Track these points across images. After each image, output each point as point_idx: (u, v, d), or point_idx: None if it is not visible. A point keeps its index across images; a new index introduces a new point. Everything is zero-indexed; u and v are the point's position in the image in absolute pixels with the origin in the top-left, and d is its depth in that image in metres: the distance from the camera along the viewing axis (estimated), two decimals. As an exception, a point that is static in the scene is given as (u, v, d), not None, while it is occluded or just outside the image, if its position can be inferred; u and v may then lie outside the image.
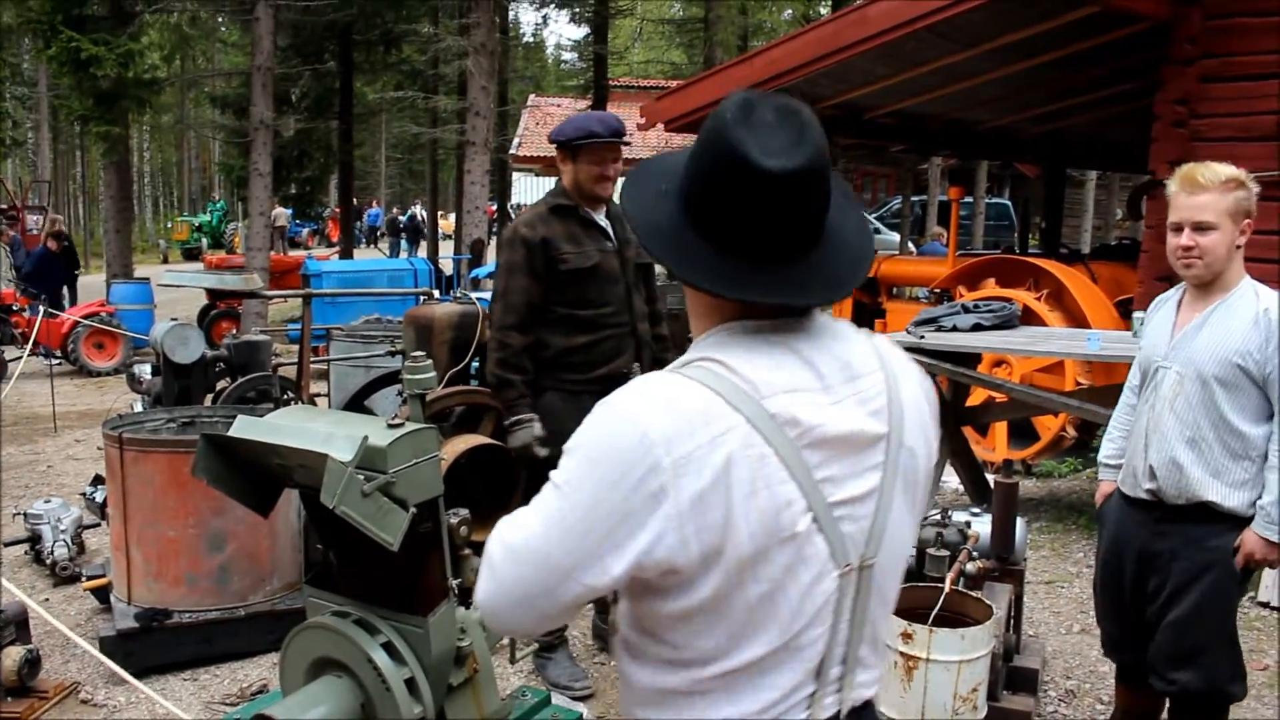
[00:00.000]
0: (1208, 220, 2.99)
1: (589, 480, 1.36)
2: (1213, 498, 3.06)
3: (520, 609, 1.43)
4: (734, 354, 1.40)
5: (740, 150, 1.36)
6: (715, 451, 1.32)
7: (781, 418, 1.35)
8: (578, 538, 1.36)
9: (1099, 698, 4.25)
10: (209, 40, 30.55)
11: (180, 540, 4.46)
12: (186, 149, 52.63)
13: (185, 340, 6.03)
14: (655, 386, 1.39)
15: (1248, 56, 6.87)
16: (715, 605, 1.37)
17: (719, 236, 1.41)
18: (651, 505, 1.33)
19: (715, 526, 1.33)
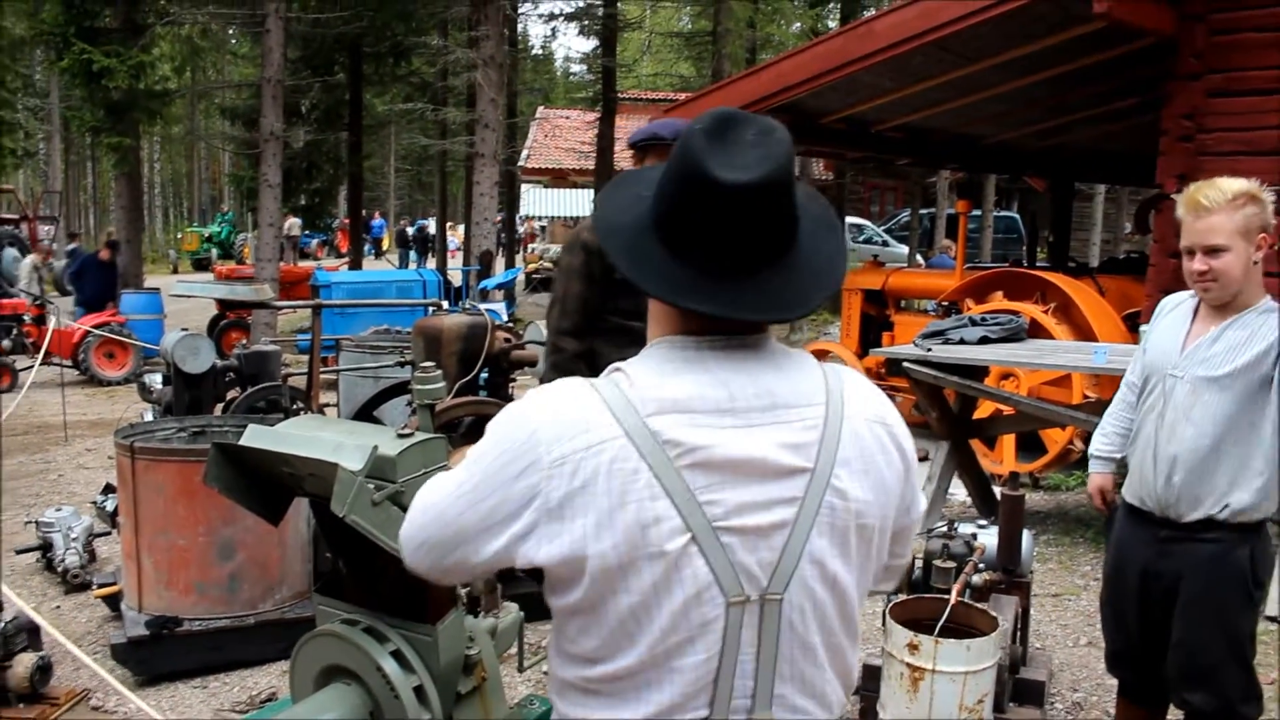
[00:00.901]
0: (1218, 243, 2.93)
1: (485, 463, 1.43)
2: (1228, 502, 3.03)
3: (419, 553, 1.54)
4: (645, 367, 1.43)
5: (700, 161, 1.37)
6: (589, 459, 1.36)
7: (662, 436, 1.36)
8: (467, 509, 1.44)
9: (1105, 710, 4.26)
10: (219, 52, 30.75)
11: (190, 549, 4.49)
12: (197, 160, 52.86)
13: (196, 350, 6.07)
14: (557, 390, 1.44)
15: (1253, 71, 6.90)
16: (589, 609, 1.41)
17: (677, 244, 1.41)
18: (526, 498, 1.38)
19: (575, 535, 1.36)
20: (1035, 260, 14.51)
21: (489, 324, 5.01)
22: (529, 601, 4.49)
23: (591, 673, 1.45)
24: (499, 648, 2.73)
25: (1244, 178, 3.03)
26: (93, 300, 14.45)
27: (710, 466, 1.37)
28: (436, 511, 1.49)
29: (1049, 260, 14.22)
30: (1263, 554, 3.10)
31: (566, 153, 29.17)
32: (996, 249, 23.40)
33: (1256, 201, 2.94)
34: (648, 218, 1.45)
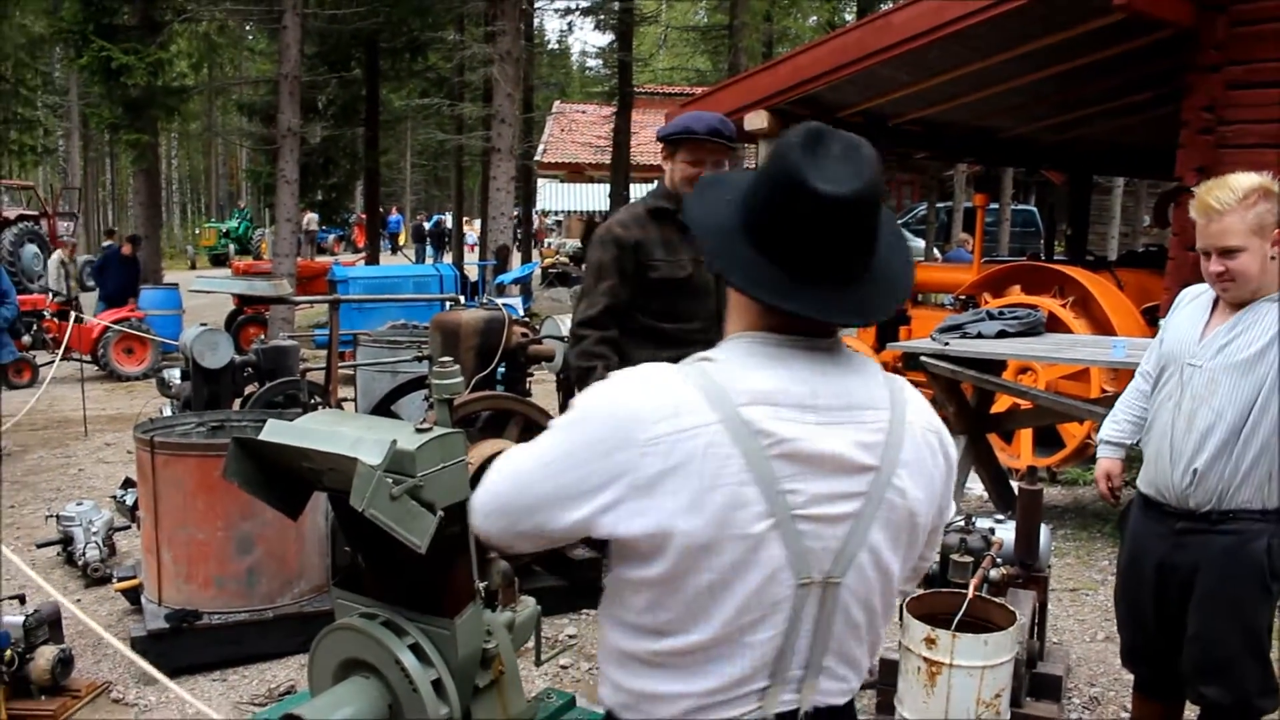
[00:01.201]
0: (1233, 244, 2.92)
1: (573, 435, 1.51)
2: (1245, 498, 3.00)
3: (491, 519, 1.60)
4: (734, 359, 1.52)
5: (800, 173, 1.46)
6: (685, 442, 1.43)
7: (754, 425, 1.45)
8: (551, 478, 1.51)
9: (1123, 705, 4.24)
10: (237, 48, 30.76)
11: (210, 543, 4.52)
12: (214, 156, 53.08)
13: (214, 345, 6.10)
14: (649, 373, 1.52)
15: (1274, 63, 6.84)
16: (668, 583, 1.48)
17: (769, 249, 1.50)
18: (615, 473, 1.45)
19: (666, 511, 1.44)
20: (1053, 254, 14.43)
21: (506, 319, 5.02)
22: (546, 596, 4.52)
23: (660, 646, 1.53)
24: (516, 642, 2.73)
25: (1258, 172, 3.00)
26: (114, 295, 14.54)
27: (795, 458, 1.47)
28: (518, 479, 1.56)
29: (1067, 254, 14.15)
30: None
31: (583, 147, 29.16)
32: (1014, 242, 23.27)
33: (1269, 197, 2.91)
34: (735, 220, 1.54)
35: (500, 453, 1.73)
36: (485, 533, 1.62)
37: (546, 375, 5.88)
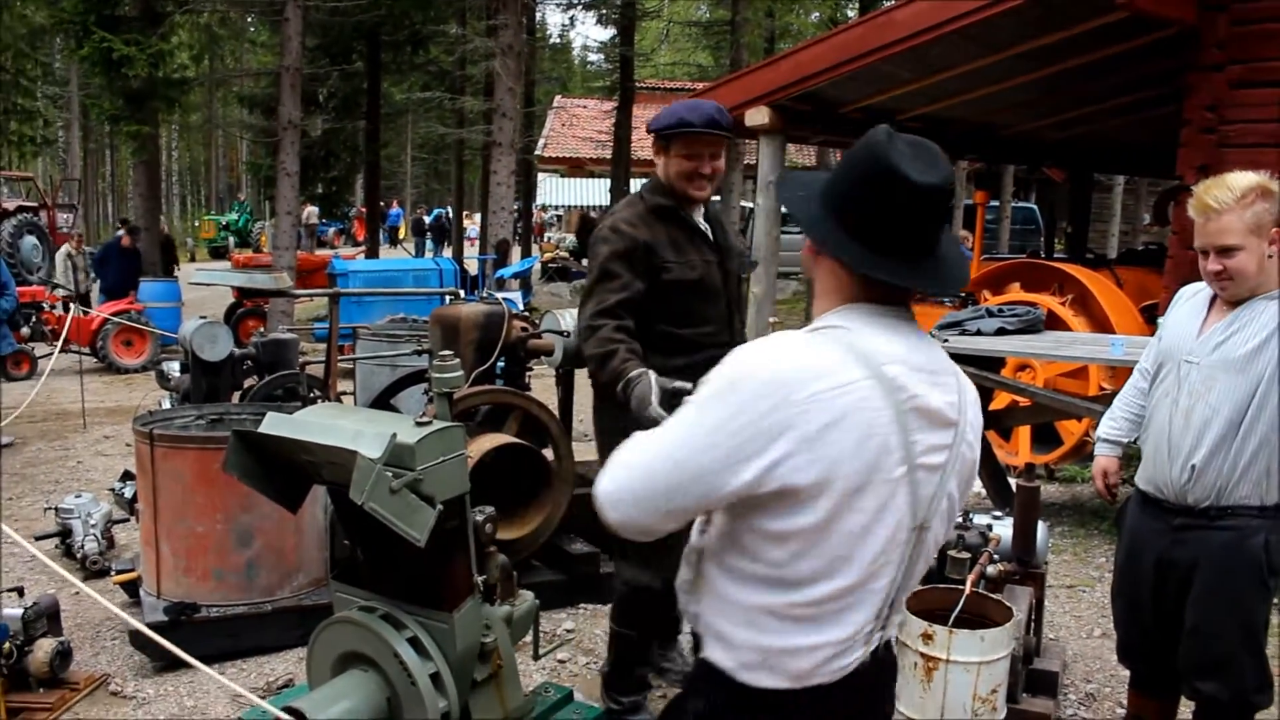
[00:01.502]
0: (1230, 243, 2.93)
1: (725, 403, 1.61)
2: (1243, 494, 3.01)
3: (640, 504, 1.66)
4: (856, 325, 1.70)
5: (899, 166, 1.65)
6: (842, 396, 1.59)
7: (895, 382, 1.64)
8: (713, 447, 1.60)
9: (1119, 702, 4.25)
10: (238, 40, 30.82)
11: (209, 536, 4.52)
12: (214, 148, 53.07)
13: (214, 338, 6.10)
14: (790, 339, 1.68)
15: (1275, 62, 6.83)
16: (821, 529, 1.62)
17: (864, 234, 1.69)
18: (778, 430, 1.58)
19: (831, 458, 1.58)
20: (1053, 251, 14.42)
21: (506, 313, 5.01)
22: (544, 590, 4.53)
23: (800, 596, 1.66)
24: (514, 636, 2.74)
25: (1258, 171, 3.01)
26: (115, 288, 14.53)
27: (920, 412, 1.67)
28: (668, 459, 1.64)
29: (1067, 252, 14.15)
30: (1279, 542, 3.09)
31: (584, 142, 29.14)
32: (1014, 240, 23.28)
33: (1267, 196, 2.93)
34: (822, 210, 1.74)
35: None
36: (624, 521, 1.69)
37: (546, 370, 5.88)
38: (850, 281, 1.74)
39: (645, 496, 1.65)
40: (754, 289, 9.49)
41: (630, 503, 1.66)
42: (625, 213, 3.71)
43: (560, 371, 5.56)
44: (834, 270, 1.76)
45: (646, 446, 1.67)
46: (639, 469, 1.66)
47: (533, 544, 4.95)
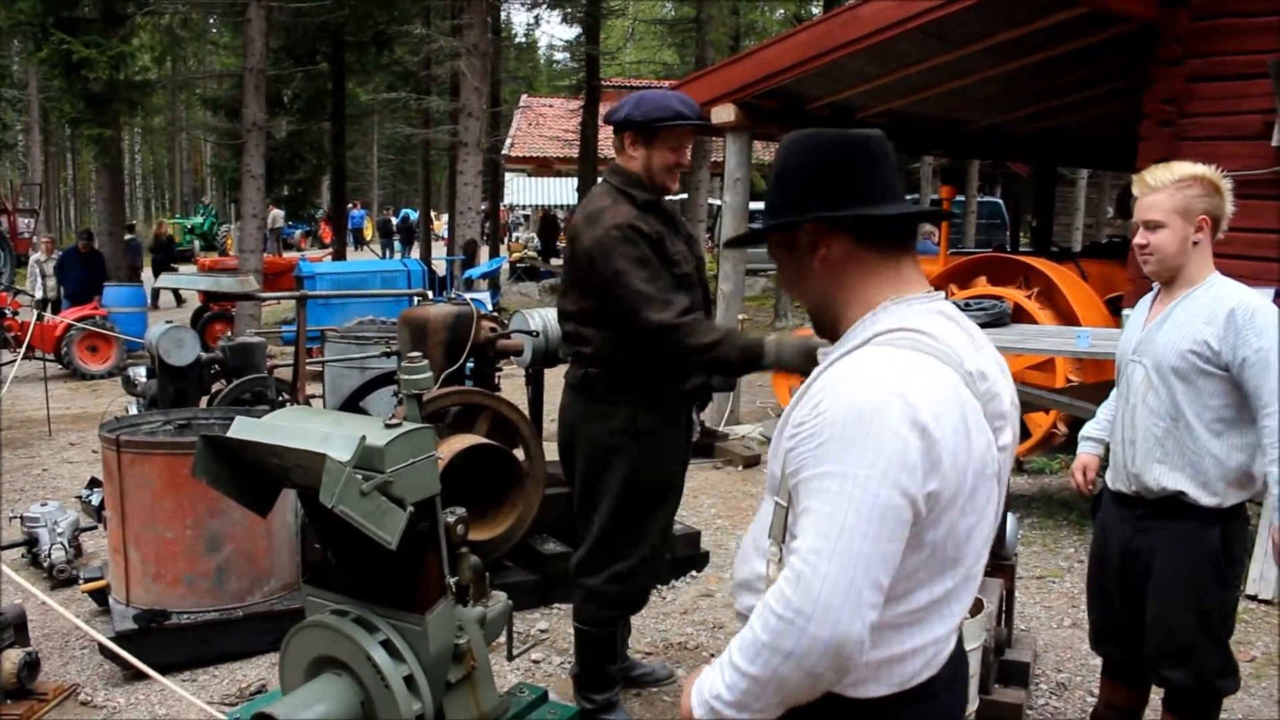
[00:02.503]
0: (1156, 219, 3.06)
1: (866, 455, 1.48)
2: (1183, 488, 3.09)
3: (853, 603, 1.46)
4: (924, 324, 1.62)
5: (833, 131, 1.70)
6: (951, 408, 1.54)
7: (975, 375, 1.61)
8: (896, 497, 1.48)
9: (1089, 690, 4.29)
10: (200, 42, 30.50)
11: (178, 541, 4.49)
12: (178, 151, 52.59)
13: (180, 342, 6.05)
14: (889, 360, 1.56)
15: (1233, 57, 6.93)
16: (940, 540, 1.57)
17: (846, 195, 1.67)
18: (930, 448, 1.49)
19: (960, 466, 1.54)
20: (1018, 245, 14.55)
21: (474, 314, 5.00)
22: (517, 590, 4.52)
23: (907, 605, 1.59)
24: (488, 636, 2.74)
25: (1221, 165, 3.11)
26: (76, 294, 14.37)
27: (993, 397, 1.65)
28: (846, 543, 1.46)
29: (1032, 245, 14.27)
30: (1238, 532, 3.15)
31: (550, 141, 29.10)
32: (980, 234, 23.47)
33: (1202, 185, 3.03)
34: (790, 210, 1.71)
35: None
36: (862, 633, 1.48)
37: (515, 370, 5.88)
38: (880, 267, 1.69)
39: (875, 584, 1.49)
40: (723, 286, 9.51)
41: (847, 622, 1.47)
42: (623, 210, 3.56)
43: (529, 371, 5.56)
44: (857, 258, 1.69)
45: (848, 525, 1.47)
46: (877, 546, 1.48)
47: (505, 544, 4.94)
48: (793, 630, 1.46)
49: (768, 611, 1.50)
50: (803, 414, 1.57)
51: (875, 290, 1.69)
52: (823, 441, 1.51)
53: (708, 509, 6.94)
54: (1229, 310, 2.99)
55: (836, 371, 1.58)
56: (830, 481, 1.49)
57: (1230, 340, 2.98)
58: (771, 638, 1.48)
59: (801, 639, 1.46)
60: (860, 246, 1.68)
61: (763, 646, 1.49)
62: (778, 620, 1.48)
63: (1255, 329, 2.96)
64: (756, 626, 1.51)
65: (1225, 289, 3.08)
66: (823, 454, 1.50)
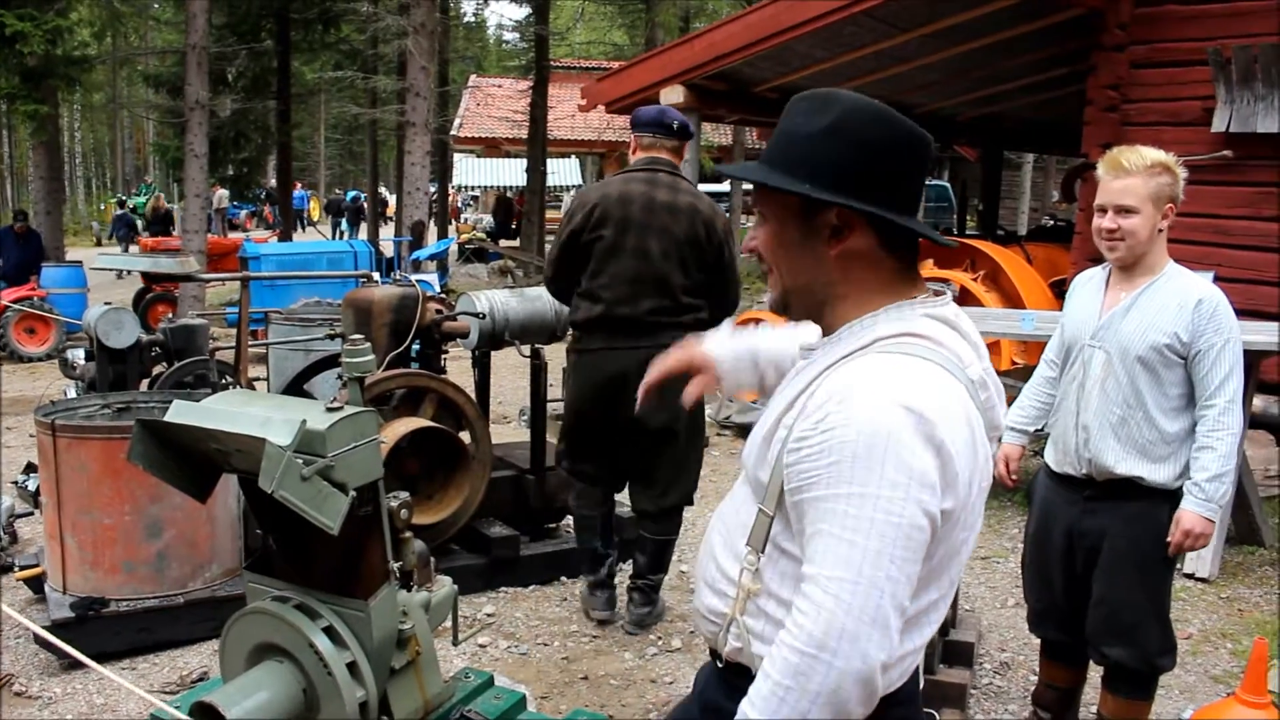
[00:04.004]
0: (1130, 204, 3.08)
1: (887, 475, 1.41)
2: (1140, 473, 3.15)
3: (880, 631, 1.41)
4: (926, 329, 1.56)
5: (911, 124, 1.59)
6: (964, 418, 1.49)
7: (978, 384, 1.56)
8: (919, 515, 1.43)
9: (1032, 669, 4.35)
10: (141, 17, 29.90)
11: (117, 527, 4.40)
12: (119, 129, 51.52)
13: (120, 324, 5.93)
14: (900, 372, 1.49)
15: (1175, 43, 7.04)
16: (946, 550, 1.53)
17: (889, 199, 1.56)
18: (945, 465, 1.44)
19: (968, 482, 1.50)
20: (965, 228, 14.69)
21: (420, 295, 4.96)
22: (463, 574, 4.50)
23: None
24: (433, 622, 2.71)
25: (1163, 149, 3.16)
26: (12, 274, 14.06)
27: (988, 405, 1.59)
28: (867, 567, 1.41)
29: (978, 228, 14.42)
30: None
31: (499, 121, 28.88)
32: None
33: (1170, 173, 3.09)
34: (829, 187, 1.54)
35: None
36: (889, 655, 1.43)
37: (462, 352, 5.83)
38: (893, 270, 1.60)
39: (900, 605, 1.44)
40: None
41: (900, 609, 1.44)
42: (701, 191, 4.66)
43: (476, 353, 5.52)
44: (874, 258, 1.59)
45: (872, 550, 1.41)
46: (880, 584, 1.41)
47: (451, 528, 4.91)
48: (819, 666, 1.40)
49: (785, 651, 1.43)
50: (805, 427, 1.49)
51: (880, 293, 1.60)
52: (835, 460, 1.43)
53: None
54: (1197, 300, 3.07)
55: (841, 382, 1.49)
56: (848, 504, 1.42)
57: (1194, 330, 3.04)
58: (796, 680, 1.41)
59: (830, 675, 1.40)
60: (882, 249, 1.59)
61: (787, 691, 1.42)
62: (801, 658, 1.41)
63: (1216, 324, 3.05)
64: (775, 672, 1.44)
65: (1187, 279, 3.14)
66: (836, 474, 1.43)
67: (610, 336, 4.44)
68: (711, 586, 1.70)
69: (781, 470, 1.52)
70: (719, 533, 1.73)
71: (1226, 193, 6.91)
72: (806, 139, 1.57)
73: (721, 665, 1.70)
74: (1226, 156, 6.85)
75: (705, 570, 1.73)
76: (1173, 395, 3.12)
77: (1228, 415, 3.06)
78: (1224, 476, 3.07)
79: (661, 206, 4.40)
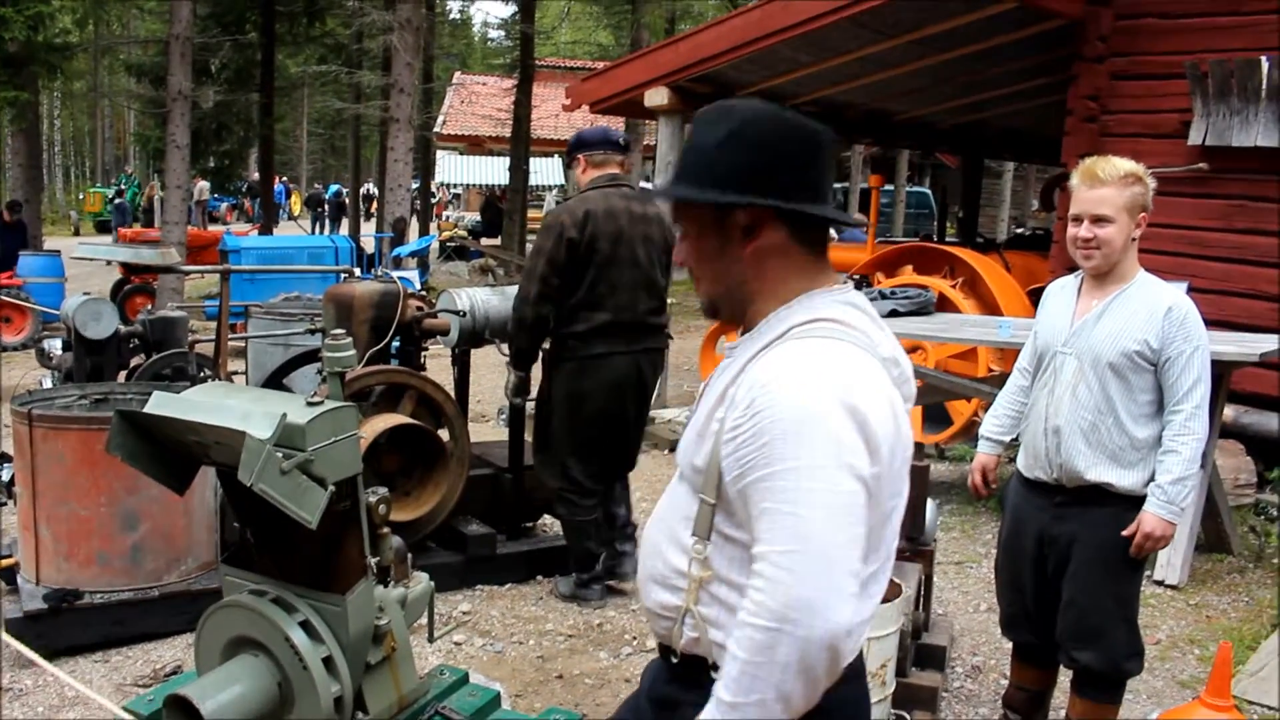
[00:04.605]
0: (1105, 213, 3.12)
1: (816, 447, 1.49)
2: (1109, 479, 3.19)
3: (837, 596, 1.47)
4: (837, 314, 1.64)
5: (802, 119, 1.67)
6: (881, 391, 1.58)
7: (890, 361, 1.65)
8: (860, 489, 1.51)
9: (1003, 673, 4.39)
10: (125, 6, 29.71)
11: (92, 519, 4.38)
12: (100, 118, 51.10)
13: (98, 315, 5.90)
14: (817, 354, 1.58)
15: (1155, 56, 7.10)
16: (878, 519, 1.59)
17: (793, 192, 1.64)
18: (869, 436, 1.52)
19: (891, 451, 1.57)
20: (945, 235, 14.75)
21: (401, 292, 4.96)
22: (440, 571, 4.50)
23: None
24: (409, 618, 2.72)
25: (1141, 160, 3.22)
26: None
27: (902, 379, 1.68)
28: (848, 518, 1.50)
29: (958, 235, 14.49)
30: None
31: (483, 119, 28.85)
32: (909, 224, 23.76)
33: (1142, 183, 3.15)
34: (735, 189, 1.63)
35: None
36: (854, 620, 1.51)
37: (442, 349, 5.83)
38: (803, 261, 1.69)
39: (855, 569, 1.51)
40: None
41: (856, 574, 1.51)
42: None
43: (456, 351, 5.52)
44: (785, 251, 1.67)
45: (825, 518, 1.48)
46: (831, 555, 1.48)
47: (428, 525, 4.92)
48: (783, 638, 1.45)
49: (748, 630, 1.48)
50: (736, 416, 1.56)
51: (794, 284, 1.68)
52: (767, 441, 1.50)
53: (633, 493, 6.95)
54: (1167, 308, 3.12)
55: (764, 370, 1.57)
56: (785, 479, 1.48)
57: (1164, 338, 3.09)
58: (764, 654, 1.46)
59: (795, 644, 1.45)
60: (793, 241, 1.67)
61: (757, 668, 1.46)
62: (765, 634, 1.46)
63: (1185, 332, 3.10)
64: (742, 652, 1.48)
65: (1158, 288, 3.20)
66: (770, 453, 1.50)
67: (613, 340, 4.73)
68: (661, 582, 1.73)
69: (719, 461, 1.59)
70: (660, 531, 1.77)
71: (1201, 205, 6.98)
72: (709, 149, 1.66)
73: (676, 660, 1.73)
74: (1202, 169, 6.92)
75: (651, 568, 1.76)
76: (1143, 402, 3.17)
77: (1193, 420, 3.11)
78: (1186, 480, 3.11)
79: (639, 217, 4.79)
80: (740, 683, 1.48)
